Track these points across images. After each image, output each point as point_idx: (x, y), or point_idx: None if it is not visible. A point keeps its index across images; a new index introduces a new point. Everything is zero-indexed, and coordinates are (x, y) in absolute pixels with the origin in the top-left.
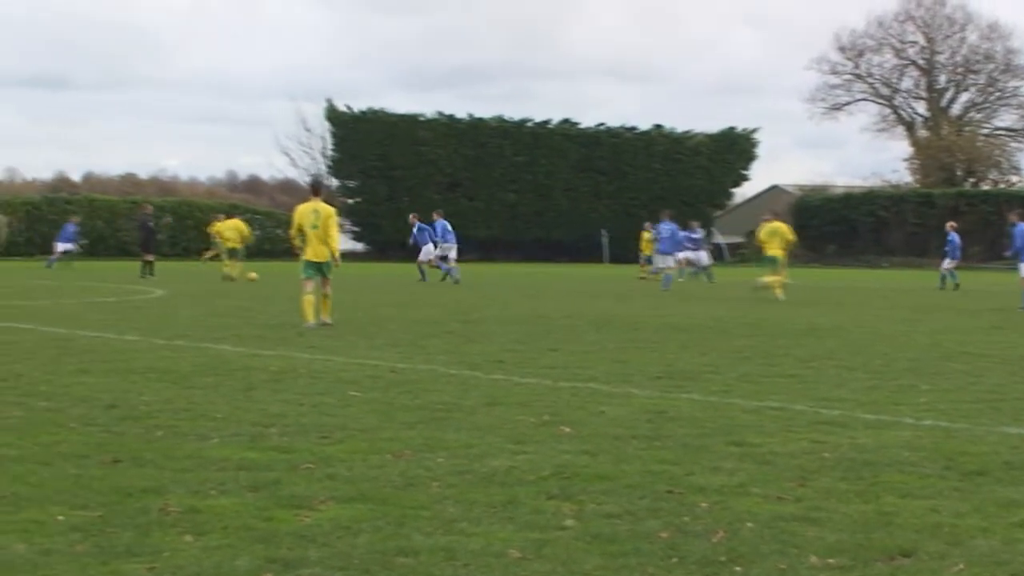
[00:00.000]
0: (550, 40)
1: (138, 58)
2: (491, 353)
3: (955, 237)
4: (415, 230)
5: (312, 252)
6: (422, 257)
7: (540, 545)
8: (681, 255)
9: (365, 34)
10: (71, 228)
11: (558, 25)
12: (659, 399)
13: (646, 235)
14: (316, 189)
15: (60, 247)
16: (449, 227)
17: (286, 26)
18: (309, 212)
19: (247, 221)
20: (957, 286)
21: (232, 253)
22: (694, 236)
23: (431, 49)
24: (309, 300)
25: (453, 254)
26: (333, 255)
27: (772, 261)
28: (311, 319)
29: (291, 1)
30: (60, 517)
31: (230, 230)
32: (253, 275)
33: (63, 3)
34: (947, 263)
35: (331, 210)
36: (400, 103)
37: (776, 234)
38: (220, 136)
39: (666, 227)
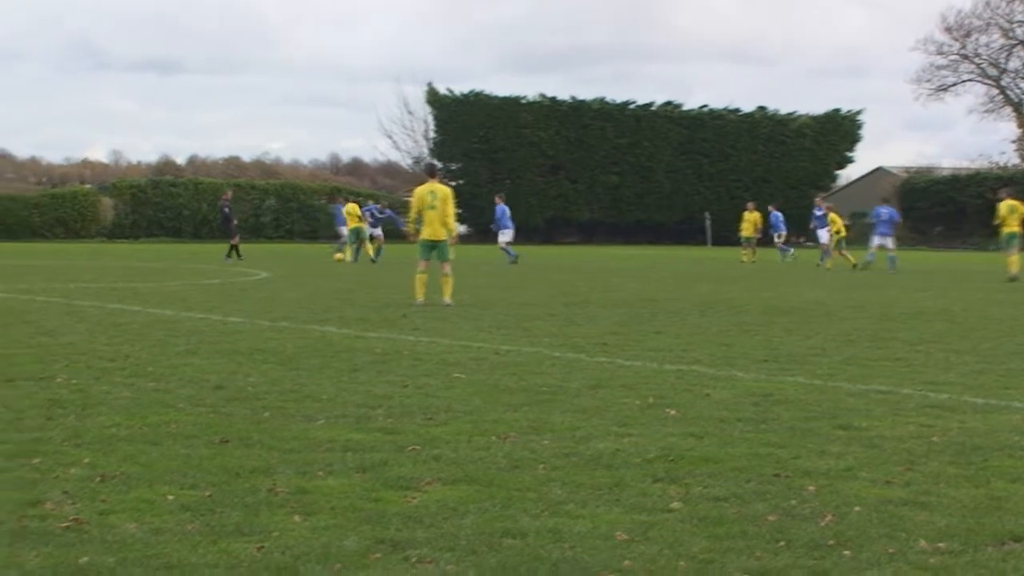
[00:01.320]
0: (657, 21)
1: (247, 42)
2: (595, 335)
3: None
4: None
5: (429, 232)
6: (502, 240)
7: (646, 528)
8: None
9: (471, 17)
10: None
11: (665, 6)
12: (764, 382)
13: (749, 216)
14: (432, 171)
15: (370, 231)
16: (508, 212)
17: (393, 9)
18: (427, 193)
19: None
20: None
21: (347, 235)
22: (817, 214)
23: (537, 31)
24: (422, 279)
25: (504, 238)
26: (450, 233)
27: (1011, 238)
28: (420, 297)
29: None
30: (170, 497)
31: (351, 215)
32: (340, 256)
33: None
34: None
35: (448, 190)
36: (505, 86)
37: (1015, 211)
38: (324, 119)
39: (885, 210)
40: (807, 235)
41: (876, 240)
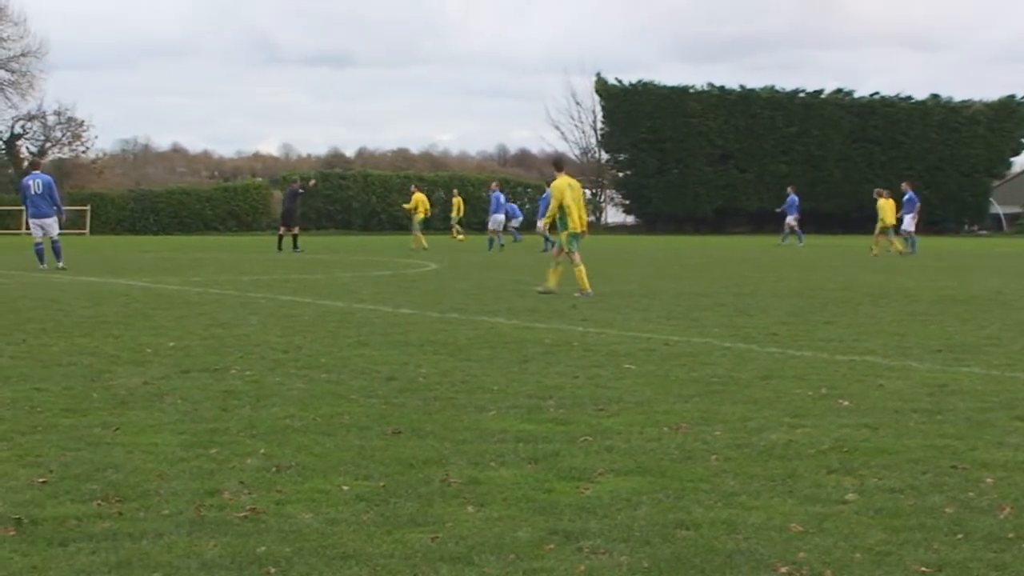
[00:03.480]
0: (828, 7)
1: (419, 35)
2: (765, 326)
3: None
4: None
5: (578, 223)
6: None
7: (821, 519)
8: None
9: (640, 7)
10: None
11: None
12: (939, 372)
13: (885, 204)
14: (560, 165)
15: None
16: (503, 199)
17: (564, 1)
18: (566, 187)
19: (517, 195)
20: None
21: (423, 224)
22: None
23: (706, 21)
24: (582, 270)
25: (492, 226)
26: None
27: None
28: (588, 287)
29: None
30: (345, 487)
31: (420, 203)
32: (461, 237)
33: None
34: None
35: (579, 184)
36: (674, 76)
37: None
38: (493, 111)
39: None
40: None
41: None
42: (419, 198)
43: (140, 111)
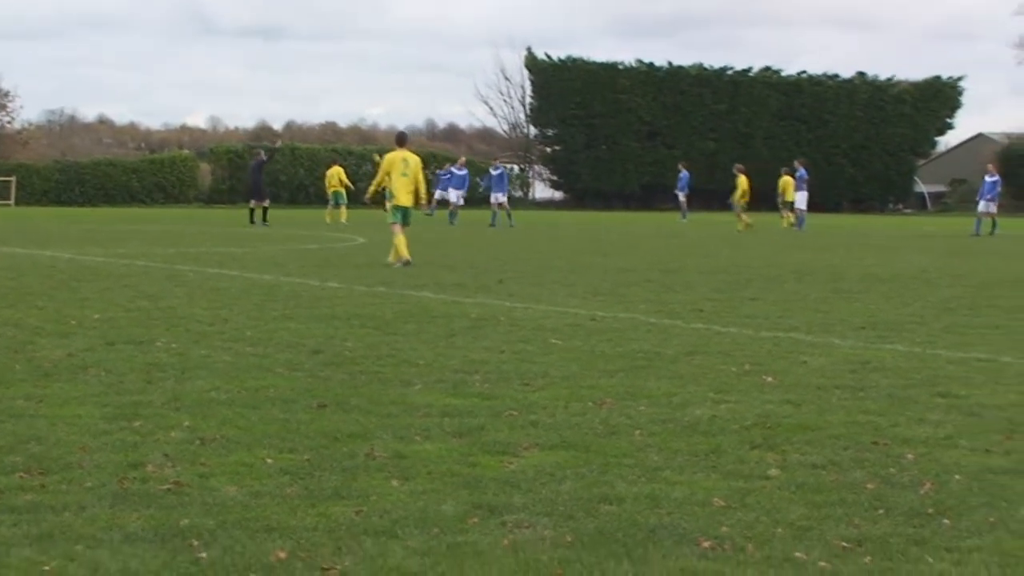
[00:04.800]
0: None
1: (355, 8)
2: (691, 302)
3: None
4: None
5: (404, 198)
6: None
7: (744, 494)
8: None
9: None
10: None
11: None
12: (862, 349)
13: (786, 180)
14: (402, 140)
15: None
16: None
17: None
18: (399, 161)
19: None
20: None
21: (336, 198)
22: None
23: None
24: (403, 240)
25: (452, 198)
26: (420, 200)
27: None
28: (407, 255)
29: None
30: (269, 460)
31: (333, 177)
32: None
33: None
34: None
35: (419, 159)
36: (611, 52)
37: None
38: (425, 85)
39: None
40: (904, 201)
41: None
42: (333, 172)
43: (69, 82)
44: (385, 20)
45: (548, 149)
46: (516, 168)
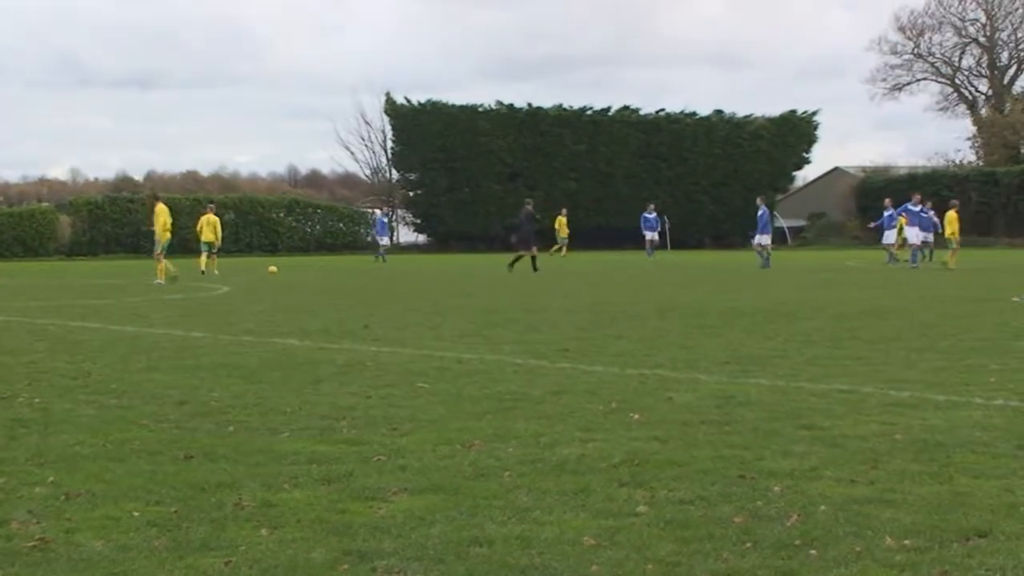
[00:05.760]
0: (640, 28)
1: (228, 55)
2: (557, 342)
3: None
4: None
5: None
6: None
7: (613, 532)
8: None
9: (454, 25)
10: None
11: (641, 12)
12: (727, 384)
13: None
14: (157, 197)
15: (382, 240)
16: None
17: (367, 21)
18: (167, 211)
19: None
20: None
21: (208, 248)
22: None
23: (521, 39)
24: (163, 266)
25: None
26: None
27: None
28: (162, 279)
29: None
30: (135, 513)
31: (207, 225)
32: (272, 268)
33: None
34: (760, 239)
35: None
36: (485, 95)
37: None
38: (296, 132)
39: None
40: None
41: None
42: (204, 220)
43: None
44: (260, 66)
45: (411, 193)
46: (378, 212)
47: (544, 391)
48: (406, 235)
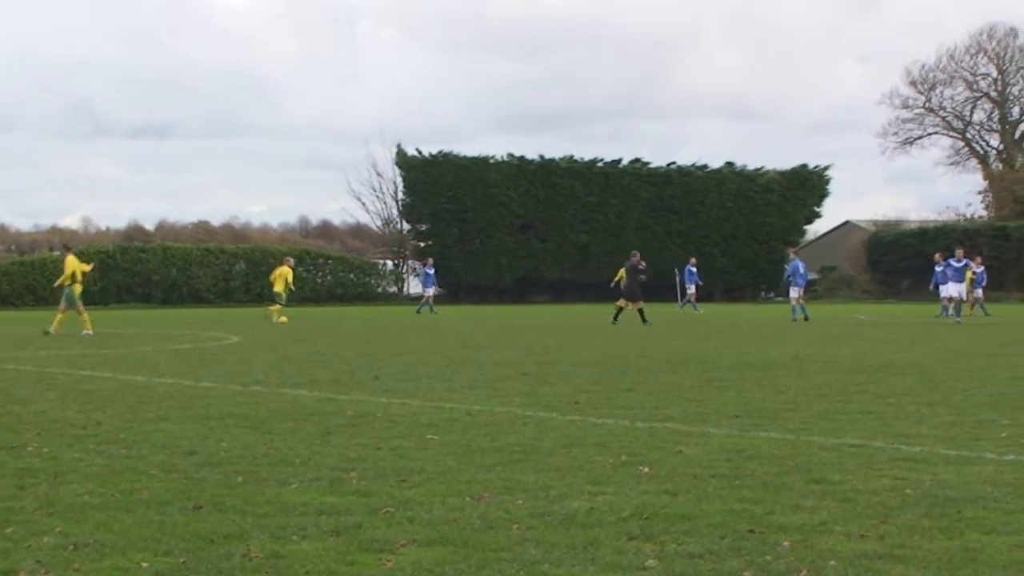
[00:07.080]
0: (655, 80)
1: (244, 105)
2: (567, 394)
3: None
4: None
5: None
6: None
7: None
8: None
9: (470, 77)
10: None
11: (655, 65)
12: (737, 438)
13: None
14: (69, 247)
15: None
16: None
17: (382, 73)
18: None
19: (319, 266)
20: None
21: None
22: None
23: (536, 91)
24: (62, 319)
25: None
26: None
27: None
28: (56, 330)
29: (389, 48)
30: (144, 564)
31: (279, 277)
32: (283, 319)
33: (164, 55)
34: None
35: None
36: (500, 147)
37: None
38: (310, 183)
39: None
40: (775, 289)
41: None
42: (280, 272)
43: None
44: (277, 117)
45: (421, 244)
46: (389, 264)
47: (554, 443)
48: (416, 287)
